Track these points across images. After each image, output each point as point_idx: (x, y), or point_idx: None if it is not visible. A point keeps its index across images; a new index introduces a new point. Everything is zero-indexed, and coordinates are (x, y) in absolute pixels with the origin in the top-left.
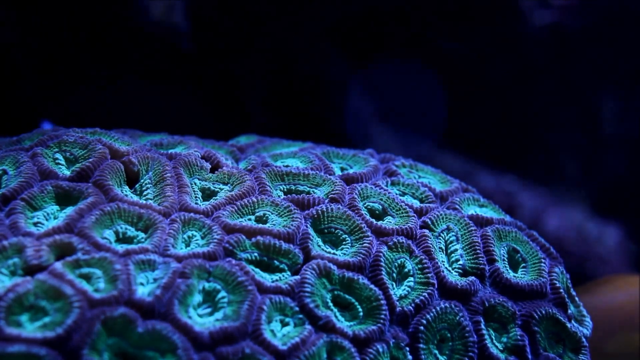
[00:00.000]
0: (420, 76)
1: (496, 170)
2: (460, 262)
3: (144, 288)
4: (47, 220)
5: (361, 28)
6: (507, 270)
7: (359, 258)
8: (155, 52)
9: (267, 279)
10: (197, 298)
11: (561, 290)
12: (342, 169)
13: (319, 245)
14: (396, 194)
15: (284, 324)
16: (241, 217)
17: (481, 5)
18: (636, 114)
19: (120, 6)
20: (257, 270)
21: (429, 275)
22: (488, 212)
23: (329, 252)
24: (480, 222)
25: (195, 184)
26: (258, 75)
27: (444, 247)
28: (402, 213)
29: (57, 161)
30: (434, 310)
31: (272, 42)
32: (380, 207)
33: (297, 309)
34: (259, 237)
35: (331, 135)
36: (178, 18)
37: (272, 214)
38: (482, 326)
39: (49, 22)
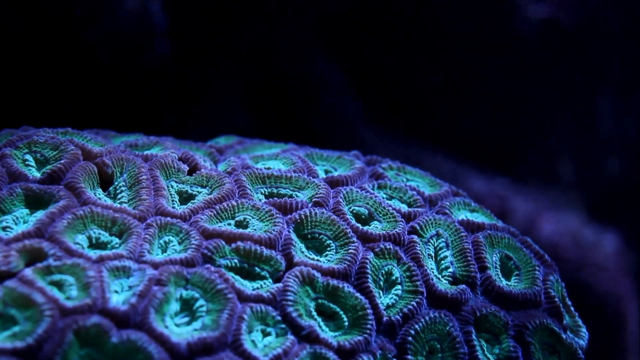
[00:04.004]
0: (408, 74)
1: (488, 173)
2: (451, 270)
3: (119, 296)
4: (16, 224)
5: (346, 24)
6: (500, 278)
7: (344, 265)
8: (130, 51)
9: (247, 286)
10: (174, 307)
11: (556, 300)
12: (326, 172)
13: (302, 252)
14: (383, 198)
15: (265, 334)
16: (220, 222)
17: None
18: (634, 115)
19: (92, 3)
20: (237, 277)
21: (418, 283)
22: (479, 217)
23: (313, 259)
24: (472, 227)
25: (172, 186)
26: (237, 74)
27: (433, 254)
28: (390, 218)
29: (26, 162)
30: (422, 320)
31: (252, 38)
32: (367, 211)
33: (279, 318)
34: (239, 243)
35: (315, 136)
36: (154, 15)
37: (253, 218)
38: (473, 337)
39: (11, 17)
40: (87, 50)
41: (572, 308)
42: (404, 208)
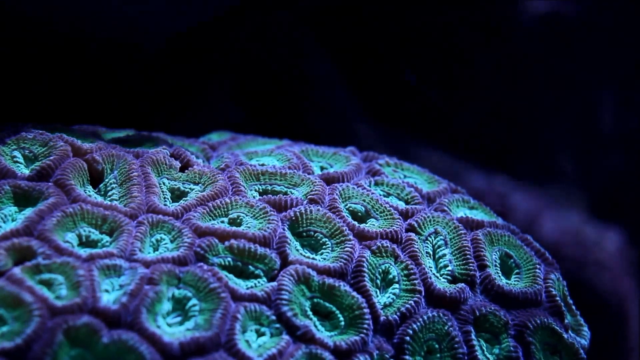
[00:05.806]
0: (405, 68)
1: (487, 170)
2: (449, 268)
3: (109, 295)
4: (4, 222)
5: (340, 17)
6: (500, 276)
7: (340, 263)
8: (121, 46)
9: (241, 285)
10: (167, 306)
11: (557, 299)
12: (321, 168)
13: (297, 250)
14: (380, 195)
15: (259, 334)
16: (213, 219)
17: None
18: (637, 110)
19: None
20: (231, 276)
21: (416, 281)
22: (479, 215)
23: (308, 257)
24: (471, 225)
25: (164, 183)
26: (230, 68)
27: (431, 252)
28: (387, 215)
29: (15, 159)
30: (420, 319)
31: (244, 31)
32: (363, 208)
33: (273, 317)
34: (232, 241)
35: (310, 132)
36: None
37: (247, 215)
38: (473, 336)
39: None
40: (77, 46)
41: (573, 307)
42: (402, 205)
